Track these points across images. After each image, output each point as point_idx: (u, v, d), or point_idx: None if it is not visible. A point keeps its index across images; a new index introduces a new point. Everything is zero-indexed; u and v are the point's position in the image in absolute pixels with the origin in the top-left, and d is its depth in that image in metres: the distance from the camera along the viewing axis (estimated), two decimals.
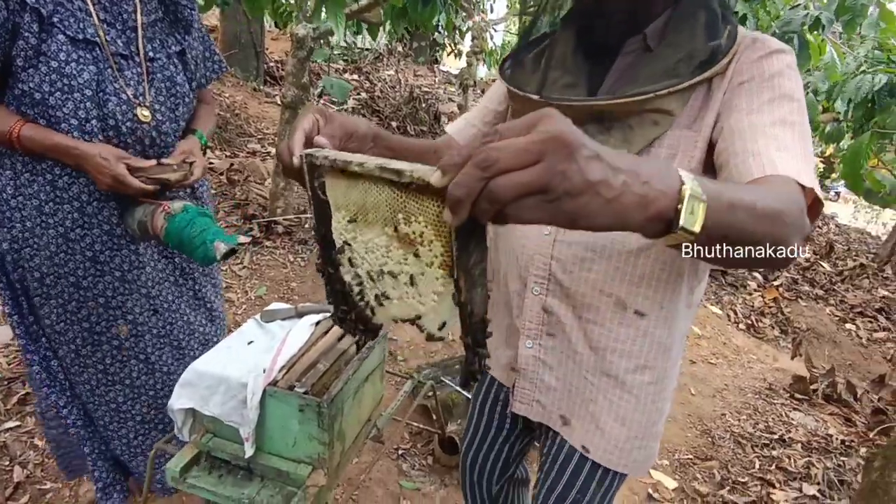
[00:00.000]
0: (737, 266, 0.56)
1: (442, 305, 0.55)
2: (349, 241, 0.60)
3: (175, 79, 1.23)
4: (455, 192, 0.39)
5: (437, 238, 0.50)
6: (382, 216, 0.54)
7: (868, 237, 8.08)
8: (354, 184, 0.56)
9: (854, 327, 4.67)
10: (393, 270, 0.57)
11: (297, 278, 3.01)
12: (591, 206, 0.39)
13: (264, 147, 4.36)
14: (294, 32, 2.84)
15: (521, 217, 0.39)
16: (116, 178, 1.12)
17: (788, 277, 5.26)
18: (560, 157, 0.37)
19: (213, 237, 1.16)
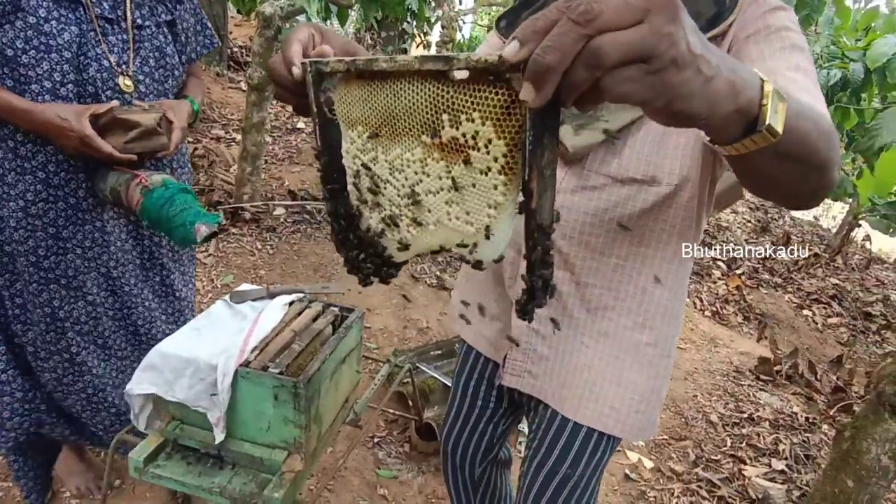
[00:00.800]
0: (781, 191, 0.53)
1: (500, 221, 0.46)
2: (368, 163, 0.52)
3: (164, 49, 1.17)
4: (545, 59, 0.32)
5: (499, 135, 0.41)
6: (419, 122, 0.46)
7: (820, 229, 8.43)
8: (379, 88, 0.47)
9: (810, 313, 4.86)
10: (431, 188, 0.48)
11: (266, 266, 2.91)
12: (692, 84, 0.34)
13: (228, 133, 4.21)
14: (261, 11, 2.73)
15: (617, 90, 0.33)
16: (83, 140, 1.03)
17: (750, 266, 5.44)
18: (666, 17, 0.32)
19: (193, 218, 1.08)
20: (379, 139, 0.50)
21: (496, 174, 0.43)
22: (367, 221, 0.57)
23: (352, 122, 0.51)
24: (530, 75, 0.33)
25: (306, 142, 4.44)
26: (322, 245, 3.18)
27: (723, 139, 0.42)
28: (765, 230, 7.13)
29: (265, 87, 2.86)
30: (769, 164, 0.46)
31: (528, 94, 0.34)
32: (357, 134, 0.51)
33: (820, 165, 0.49)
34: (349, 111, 0.51)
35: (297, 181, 3.75)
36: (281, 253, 3.03)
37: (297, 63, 0.50)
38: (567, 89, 0.34)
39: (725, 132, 0.41)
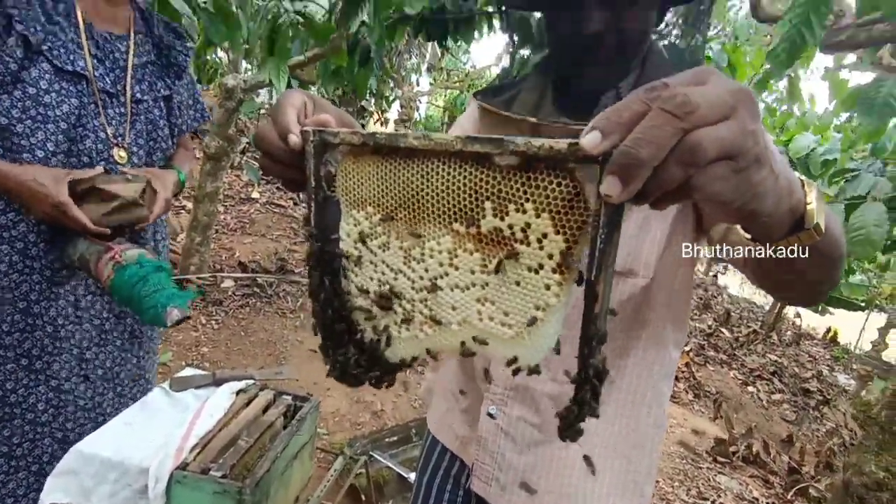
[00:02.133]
0: (804, 288, 0.54)
1: (547, 324, 0.40)
2: (376, 249, 0.46)
3: (157, 122, 1.18)
4: (638, 153, 0.30)
5: (557, 229, 0.37)
6: (452, 207, 0.41)
7: (755, 306, 8.89)
8: (401, 167, 0.42)
9: (755, 390, 5.00)
10: (459, 282, 0.43)
11: (209, 342, 2.72)
12: (768, 182, 0.33)
13: (178, 201, 4.08)
14: (223, 83, 2.74)
15: (709, 189, 0.31)
16: (57, 206, 0.98)
17: (696, 343, 5.59)
18: (750, 113, 0.31)
19: (166, 300, 1.00)
20: (393, 223, 0.45)
21: (549, 273, 0.39)
22: (363, 317, 0.50)
23: (358, 202, 0.46)
24: (618, 168, 0.31)
25: (260, 212, 4.36)
26: (272, 320, 3.02)
27: (771, 238, 0.42)
28: (707, 307, 7.45)
29: (221, 156, 2.81)
30: (802, 261, 0.46)
31: (613, 188, 0.31)
32: (365, 215, 0.46)
33: (840, 259, 0.50)
34: (356, 189, 0.45)
35: (249, 252, 3.63)
36: (227, 328, 2.85)
37: (296, 131, 0.45)
38: (656, 185, 0.31)
39: (777, 231, 0.40)
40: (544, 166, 0.36)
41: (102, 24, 1.10)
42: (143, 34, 1.17)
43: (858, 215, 2.12)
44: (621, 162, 0.31)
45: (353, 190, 0.46)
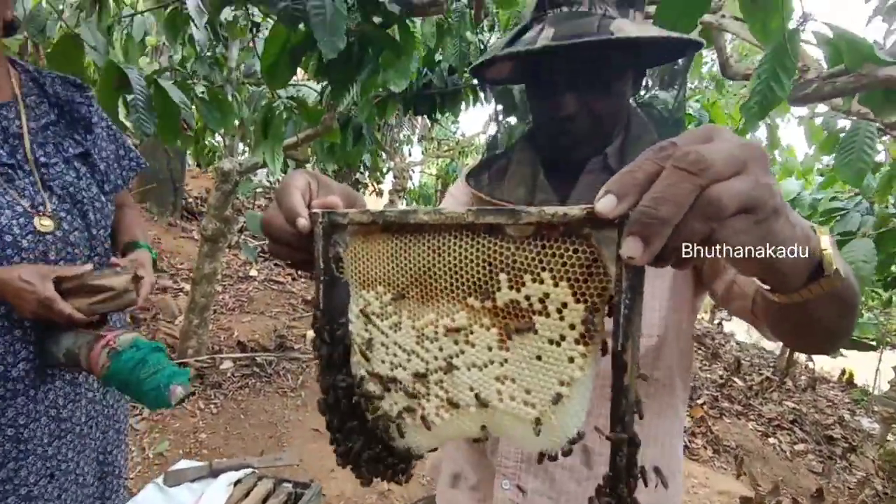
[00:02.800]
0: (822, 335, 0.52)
1: (573, 400, 0.38)
2: (387, 329, 0.44)
3: (78, 184, 1.10)
4: (658, 212, 0.30)
5: (577, 298, 0.36)
6: (466, 282, 0.40)
7: (764, 351, 8.72)
8: (412, 243, 0.42)
9: (776, 441, 4.80)
10: (476, 360, 0.41)
11: (208, 428, 2.63)
12: (786, 231, 0.34)
13: (177, 283, 4.08)
14: (220, 166, 2.82)
15: (733, 241, 0.31)
16: (43, 302, 0.94)
17: (709, 395, 5.43)
18: (762, 167, 0.31)
19: (168, 379, 0.97)
20: (405, 301, 0.43)
21: (572, 344, 0.37)
22: (376, 403, 0.48)
23: (368, 282, 0.45)
24: (639, 229, 0.31)
25: (258, 289, 4.36)
26: (272, 400, 2.94)
27: (790, 287, 0.41)
28: (715, 356, 7.30)
29: (218, 238, 2.85)
30: (821, 309, 0.46)
31: (635, 250, 0.31)
32: (375, 295, 0.45)
33: (856, 307, 0.50)
34: (366, 269, 0.45)
35: (248, 331, 3.59)
36: (226, 412, 2.77)
37: (304, 214, 0.45)
38: (678, 244, 0.31)
39: (795, 280, 0.41)
40: (559, 234, 0.36)
41: None
42: (35, 95, 1.11)
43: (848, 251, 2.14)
44: (642, 221, 0.31)
45: (363, 270, 0.45)
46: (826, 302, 0.44)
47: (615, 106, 0.76)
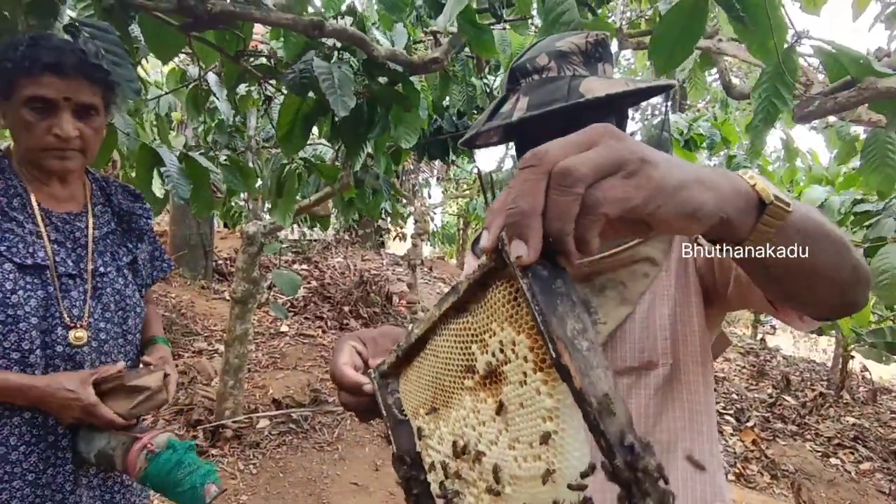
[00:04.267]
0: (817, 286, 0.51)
1: (564, 431, 0.36)
2: (437, 446, 0.47)
3: (125, 291, 1.14)
4: (519, 207, 0.32)
5: (517, 330, 0.37)
6: (457, 368, 0.43)
7: (815, 364, 8.33)
8: (423, 359, 0.47)
9: (839, 461, 4.53)
10: (490, 437, 0.42)
11: (248, 490, 2.64)
12: (674, 174, 0.35)
13: (211, 345, 4.18)
14: (245, 230, 2.93)
15: (609, 196, 0.32)
16: (86, 409, 0.97)
17: (759, 417, 5.19)
18: (612, 137, 0.33)
19: (202, 479, 1.02)
20: (438, 413, 0.47)
21: (532, 374, 0.37)
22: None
23: (415, 411, 0.50)
24: (510, 230, 0.33)
25: (290, 345, 4.42)
26: (309, 456, 2.95)
27: (741, 232, 0.42)
28: (762, 374, 7.00)
29: (248, 300, 2.93)
30: (793, 252, 0.46)
31: (517, 249, 0.33)
32: (422, 421, 0.49)
33: (844, 245, 0.50)
34: (411, 400, 0.50)
35: (282, 387, 3.63)
36: (265, 471, 2.78)
37: (363, 381, 0.52)
38: (557, 229, 0.32)
39: (744, 225, 0.42)
40: (488, 285, 0.39)
41: (60, 206, 1.08)
42: (102, 205, 1.15)
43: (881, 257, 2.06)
44: (509, 223, 0.33)
45: (410, 402, 0.50)
46: (792, 240, 0.45)
47: None
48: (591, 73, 0.77)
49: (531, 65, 0.78)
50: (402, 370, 0.50)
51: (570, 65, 0.77)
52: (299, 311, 5.31)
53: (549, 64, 0.77)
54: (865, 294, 0.56)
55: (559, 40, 0.79)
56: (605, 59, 0.80)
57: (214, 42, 1.70)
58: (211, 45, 1.72)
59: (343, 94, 1.56)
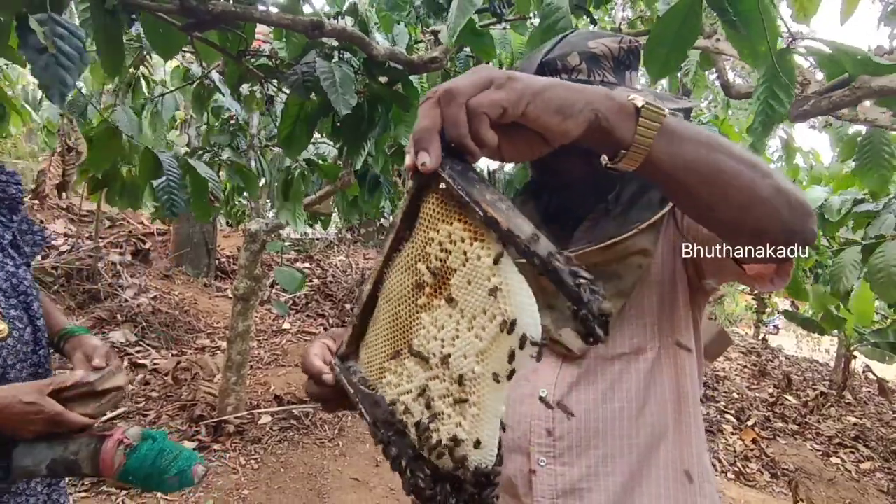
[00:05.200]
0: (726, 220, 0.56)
1: (508, 286, 0.43)
2: (409, 387, 0.50)
3: (17, 273, 1.00)
4: (422, 124, 0.43)
5: (451, 221, 0.46)
6: (409, 294, 0.49)
7: (818, 364, 8.31)
8: (377, 313, 0.52)
9: (839, 460, 4.54)
10: (452, 334, 0.47)
11: (250, 484, 2.67)
12: (537, 82, 0.45)
13: (214, 342, 4.21)
14: (247, 228, 2.95)
15: (485, 101, 0.43)
16: (53, 419, 0.88)
17: (760, 416, 5.20)
18: (487, 70, 0.45)
19: (188, 462, 0.99)
20: (401, 355, 0.51)
21: (470, 246, 0.45)
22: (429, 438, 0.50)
23: (381, 370, 0.53)
24: (417, 145, 0.43)
25: (292, 342, 4.45)
26: (311, 452, 2.97)
27: (624, 133, 0.48)
28: (763, 374, 6.99)
29: (250, 297, 2.95)
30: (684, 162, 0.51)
31: (422, 157, 0.43)
32: (390, 373, 0.52)
33: (747, 161, 0.53)
34: (374, 364, 0.53)
35: (284, 384, 3.66)
36: (267, 466, 2.81)
37: (324, 369, 0.57)
38: (456, 130, 0.43)
39: (619, 125, 0.48)
40: (418, 209, 0.48)
41: None
42: None
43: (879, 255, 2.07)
44: (414, 140, 0.44)
45: (374, 366, 0.54)
46: (681, 145, 0.50)
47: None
48: (619, 80, 0.78)
49: (562, 63, 0.77)
50: (360, 342, 0.54)
51: (601, 70, 0.77)
52: (301, 309, 5.34)
53: (580, 65, 0.76)
54: (809, 224, 0.58)
55: (592, 39, 0.79)
56: (634, 68, 0.81)
57: (217, 42, 1.73)
58: (213, 45, 1.74)
59: (345, 93, 1.59)
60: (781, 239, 0.58)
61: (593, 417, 0.78)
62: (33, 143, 7.10)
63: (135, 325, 3.95)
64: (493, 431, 0.47)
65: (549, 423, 0.78)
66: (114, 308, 4.02)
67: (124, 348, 3.68)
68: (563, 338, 0.78)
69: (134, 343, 3.78)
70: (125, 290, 4.23)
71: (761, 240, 0.58)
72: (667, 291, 0.79)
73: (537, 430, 0.79)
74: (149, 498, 2.42)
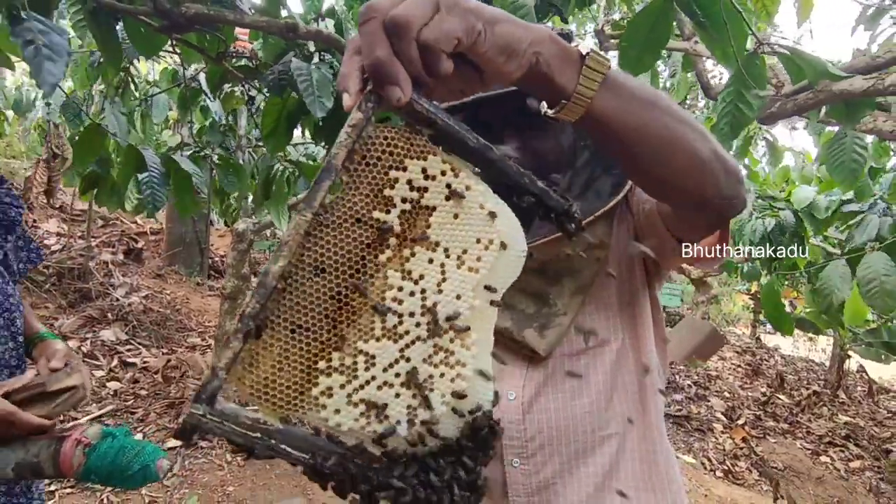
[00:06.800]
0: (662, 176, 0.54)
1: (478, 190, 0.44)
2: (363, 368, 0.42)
3: (6, 290, 1.03)
4: (374, 54, 0.37)
5: (423, 156, 0.42)
6: (362, 254, 0.41)
7: (814, 364, 8.32)
8: (290, 299, 0.40)
9: (829, 459, 4.56)
10: (436, 279, 0.43)
11: (235, 481, 2.69)
12: (484, 11, 0.40)
13: (205, 340, 4.23)
14: (235, 228, 2.98)
15: (441, 28, 0.38)
16: (6, 419, 0.88)
17: (751, 414, 5.22)
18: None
19: (151, 457, 0.99)
20: (346, 341, 0.41)
21: (455, 178, 0.43)
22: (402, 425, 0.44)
23: (305, 385, 0.41)
24: (376, 80, 0.38)
25: None
26: None
27: (566, 80, 0.46)
28: (757, 373, 7.01)
29: (238, 295, 2.98)
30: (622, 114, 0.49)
31: (392, 92, 0.38)
32: (329, 379, 0.41)
33: (691, 126, 0.52)
34: (278, 386, 0.41)
35: None
36: (252, 464, 2.83)
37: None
38: (409, 69, 0.38)
39: (562, 71, 0.45)
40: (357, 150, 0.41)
41: None
42: None
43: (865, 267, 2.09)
44: (374, 75, 0.38)
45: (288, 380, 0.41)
46: (623, 99, 0.48)
47: (554, 144, 0.79)
48: None
49: None
50: (245, 362, 0.40)
51: None
52: None
53: None
54: (741, 191, 0.57)
55: None
56: None
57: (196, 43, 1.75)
58: (192, 46, 1.76)
59: (321, 95, 1.60)
60: (718, 203, 0.57)
61: (563, 416, 0.78)
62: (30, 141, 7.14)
63: (126, 323, 3.97)
64: (490, 365, 0.45)
65: (519, 424, 0.78)
66: (105, 307, 4.04)
67: (115, 347, 3.70)
68: (526, 339, 0.78)
69: (124, 342, 3.81)
70: (116, 288, 4.25)
71: (699, 203, 0.57)
72: (625, 281, 0.80)
73: (508, 432, 0.79)
74: (133, 494, 2.44)
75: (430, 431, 0.43)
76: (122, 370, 3.51)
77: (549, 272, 0.78)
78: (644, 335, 0.81)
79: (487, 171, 0.44)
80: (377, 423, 0.42)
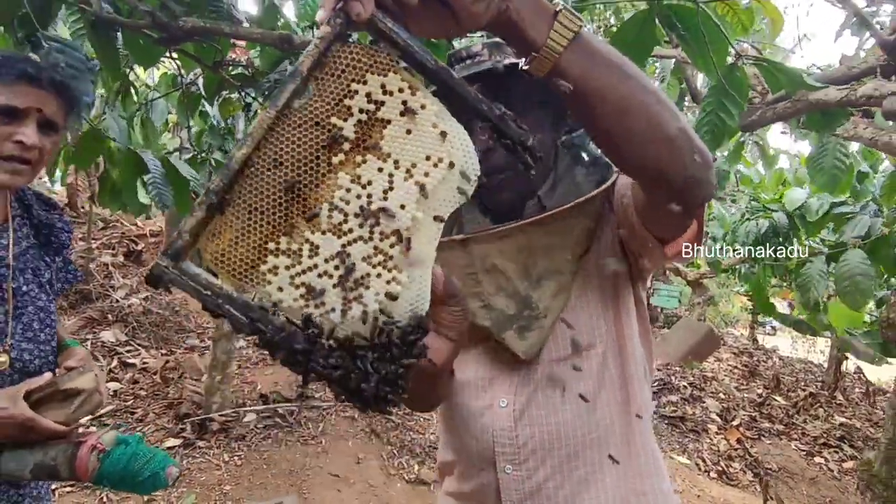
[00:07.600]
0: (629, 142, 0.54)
1: (453, 123, 0.47)
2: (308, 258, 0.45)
3: (48, 308, 1.08)
4: None
5: (384, 72, 0.45)
6: (317, 155, 0.45)
7: (812, 365, 8.33)
8: (252, 183, 0.45)
9: (823, 460, 4.59)
10: (384, 186, 0.46)
11: (232, 480, 2.73)
12: None
13: (203, 342, 4.28)
14: None
15: None
16: (24, 424, 0.91)
17: (746, 416, 5.25)
18: None
19: (161, 464, 1.02)
20: (297, 231, 0.46)
21: (412, 96, 0.45)
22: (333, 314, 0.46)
23: (256, 261, 0.46)
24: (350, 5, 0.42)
25: None
26: (293, 449, 3.04)
27: (537, 33, 0.48)
28: (753, 374, 7.02)
29: None
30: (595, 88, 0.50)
31: (354, 7, 0.42)
32: (276, 259, 0.46)
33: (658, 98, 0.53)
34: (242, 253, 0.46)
35: (270, 383, 3.73)
36: (249, 463, 2.88)
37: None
38: None
39: (532, 23, 0.48)
40: (325, 62, 0.45)
41: None
42: (21, 217, 1.07)
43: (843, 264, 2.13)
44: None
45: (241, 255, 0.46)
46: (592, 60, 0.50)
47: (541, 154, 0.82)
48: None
49: (466, 52, 0.81)
50: (201, 231, 0.45)
51: (503, 54, 0.79)
52: None
53: (481, 51, 0.80)
54: (708, 175, 0.58)
55: None
56: None
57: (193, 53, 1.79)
58: (190, 55, 1.81)
59: None
60: (681, 184, 0.57)
61: (553, 421, 0.80)
62: None
63: (125, 325, 4.02)
64: (429, 277, 0.47)
65: (511, 432, 0.80)
66: (105, 308, 4.09)
67: (115, 348, 3.75)
68: (506, 340, 0.79)
69: (124, 343, 3.85)
70: (116, 290, 4.30)
71: (662, 181, 0.58)
72: (608, 282, 0.81)
73: (500, 439, 0.80)
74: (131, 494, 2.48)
75: (362, 323, 0.46)
76: (122, 371, 3.55)
77: (533, 275, 0.78)
78: (629, 335, 0.82)
79: (448, 95, 0.47)
80: (313, 307, 0.46)
